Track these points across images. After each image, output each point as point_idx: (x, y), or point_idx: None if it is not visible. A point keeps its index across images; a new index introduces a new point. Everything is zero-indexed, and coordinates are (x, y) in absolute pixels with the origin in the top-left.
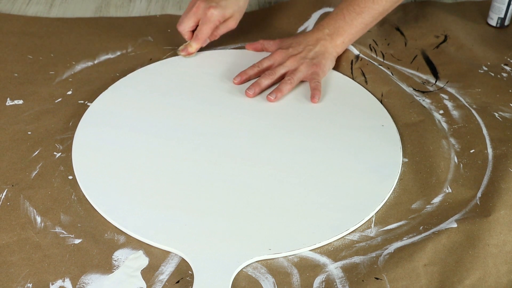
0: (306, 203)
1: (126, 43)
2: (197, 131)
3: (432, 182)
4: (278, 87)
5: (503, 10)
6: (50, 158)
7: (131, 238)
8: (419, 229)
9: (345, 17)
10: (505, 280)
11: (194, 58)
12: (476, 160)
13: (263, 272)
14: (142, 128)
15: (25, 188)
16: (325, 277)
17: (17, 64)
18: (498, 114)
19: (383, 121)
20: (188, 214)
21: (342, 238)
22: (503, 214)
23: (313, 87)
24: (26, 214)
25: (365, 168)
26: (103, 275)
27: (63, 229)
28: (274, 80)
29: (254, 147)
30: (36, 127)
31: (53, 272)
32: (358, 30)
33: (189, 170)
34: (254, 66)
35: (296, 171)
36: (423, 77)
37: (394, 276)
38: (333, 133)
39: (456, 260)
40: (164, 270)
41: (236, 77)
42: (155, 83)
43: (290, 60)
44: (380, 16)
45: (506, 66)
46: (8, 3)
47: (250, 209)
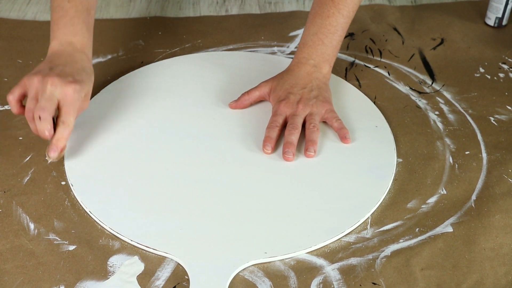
0: (302, 205)
1: (117, 46)
2: (191, 134)
3: (427, 182)
4: (309, 139)
5: (500, 10)
6: (42, 163)
7: (126, 244)
8: (415, 231)
9: (323, 41)
10: (503, 281)
11: (186, 60)
12: (471, 162)
13: (259, 276)
14: (135, 132)
15: (18, 194)
16: (322, 279)
17: (6, 69)
18: (494, 118)
19: (376, 122)
20: (184, 218)
21: (339, 240)
22: (498, 219)
23: (338, 127)
24: (19, 221)
25: (360, 169)
26: (99, 281)
27: (57, 236)
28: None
29: (248, 150)
30: (27, 132)
31: (48, 280)
32: (338, 49)
33: (184, 173)
34: (272, 127)
35: (291, 174)
36: (420, 76)
37: (391, 281)
38: (327, 135)
39: (453, 264)
40: (160, 276)
41: (266, 146)
42: (147, 86)
43: (299, 108)
44: (348, 24)
45: (504, 64)
46: (8, 3)
47: (245, 212)
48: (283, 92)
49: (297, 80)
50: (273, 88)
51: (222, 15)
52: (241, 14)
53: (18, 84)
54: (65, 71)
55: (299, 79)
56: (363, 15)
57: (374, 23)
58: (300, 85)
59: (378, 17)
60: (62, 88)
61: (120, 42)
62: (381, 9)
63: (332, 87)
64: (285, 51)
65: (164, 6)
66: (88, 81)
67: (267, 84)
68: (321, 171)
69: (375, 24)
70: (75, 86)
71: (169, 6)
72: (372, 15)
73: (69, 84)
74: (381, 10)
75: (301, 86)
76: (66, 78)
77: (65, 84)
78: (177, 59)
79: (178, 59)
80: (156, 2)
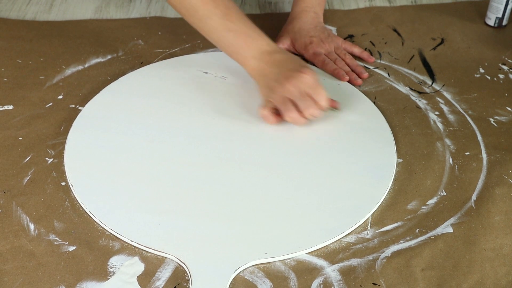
0: (302, 206)
1: (116, 46)
2: (191, 134)
3: (427, 183)
4: (355, 65)
5: (501, 10)
6: (42, 164)
7: (126, 244)
8: (415, 232)
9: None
10: (504, 281)
11: (185, 61)
12: (471, 163)
13: (260, 276)
14: (134, 132)
15: (17, 194)
16: (323, 280)
17: (6, 69)
18: (493, 119)
19: (376, 122)
20: (184, 218)
21: (339, 241)
22: (498, 220)
23: (358, 51)
24: (19, 221)
25: (360, 169)
26: (99, 282)
27: (57, 236)
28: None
29: (248, 150)
30: (27, 132)
31: (48, 281)
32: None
33: (184, 174)
34: (329, 62)
35: (291, 174)
36: (420, 77)
37: (392, 281)
38: (327, 135)
39: (453, 264)
40: (161, 276)
41: (345, 76)
42: (147, 86)
43: (326, 45)
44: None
45: (504, 65)
46: (8, 3)
47: (246, 212)
48: (304, 38)
49: (308, 25)
50: (294, 38)
51: None
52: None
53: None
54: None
55: (309, 24)
56: (363, 18)
57: (373, 25)
58: (312, 29)
59: (378, 19)
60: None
61: (120, 42)
62: (380, 12)
63: (332, 87)
64: None
65: (164, 6)
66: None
67: (285, 37)
68: (321, 171)
69: (375, 27)
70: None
71: (169, 6)
72: (371, 18)
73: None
74: (380, 13)
75: (313, 30)
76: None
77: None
78: (177, 59)
79: (177, 60)
80: (156, 2)
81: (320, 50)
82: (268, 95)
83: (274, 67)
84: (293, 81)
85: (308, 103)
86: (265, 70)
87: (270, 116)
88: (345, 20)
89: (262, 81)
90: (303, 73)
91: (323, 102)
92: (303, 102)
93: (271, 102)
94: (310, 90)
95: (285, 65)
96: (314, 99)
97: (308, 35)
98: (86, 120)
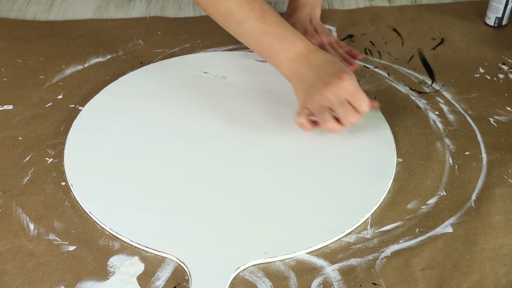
0: (302, 205)
1: (116, 46)
2: (191, 134)
3: (427, 183)
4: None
5: (500, 10)
6: (42, 163)
7: (126, 244)
8: (415, 232)
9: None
10: (504, 281)
11: (185, 61)
12: (470, 162)
13: (260, 276)
14: (134, 132)
15: (17, 194)
16: (323, 279)
17: (6, 69)
18: (493, 119)
19: (376, 122)
20: (184, 218)
21: (339, 240)
22: (498, 220)
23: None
24: (18, 221)
25: (360, 169)
26: (99, 282)
27: (57, 236)
28: None
29: (248, 149)
30: (27, 132)
31: (48, 281)
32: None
33: (184, 174)
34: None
35: (291, 174)
36: (420, 77)
37: (391, 281)
38: (326, 135)
39: (453, 264)
40: (160, 276)
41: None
42: (147, 86)
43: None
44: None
45: (504, 65)
46: (8, 3)
47: (245, 212)
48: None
49: (303, 19)
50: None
51: None
52: None
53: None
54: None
55: (304, 19)
56: (363, 18)
57: (373, 25)
58: (307, 23)
59: (378, 19)
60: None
61: (120, 42)
62: (380, 11)
63: None
64: None
65: (164, 6)
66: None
67: None
68: (321, 171)
69: (375, 27)
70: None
71: (169, 6)
72: (371, 18)
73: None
74: (380, 13)
75: (308, 23)
76: (340, 74)
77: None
78: (177, 59)
79: (177, 60)
80: (156, 2)
81: (313, 41)
82: (305, 101)
83: (310, 70)
84: (332, 88)
85: (347, 112)
86: (301, 73)
87: (307, 124)
88: (345, 20)
89: (299, 85)
90: (343, 79)
91: (364, 107)
92: (343, 111)
93: (308, 109)
94: (350, 98)
95: (322, 68)
96: (354, 106)
97: (303, 27)
98: (86, 120)
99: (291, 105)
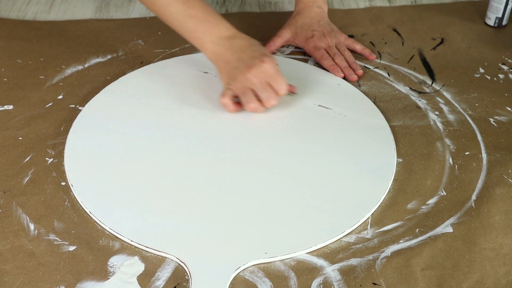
0: (302, 205)
1: (116, 46)
2: (191, 134)
3: (427, 183)
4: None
5: (500, 10)
6: (42, 163)
7: (126, 244)
8: (415, 232)
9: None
10: (504, 281)
11: (185, 61)
12: (471, 162)
13: (260, 276)
14: (134, 132)
15: (17, 194)
16: (323, 279)
17: (6, 69)
18: (493, 119)
19: (376, 122)
20: (184, 218)
21: (339, 240)
22: (498, 220)
23: (361, 48)
24: (19, 221)
25: (360, 169)
26: (99, 282)
27: (57, 236)
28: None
29: (248, 150)
30: (27, 132)
31: (48, 281)
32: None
33: (184, 173)
34: (327, 58)
35: (291, 174)
36: (420, 77)
37: (391, 281)
38: (326, 135)
39: (453, 264)
40: (161, 276)
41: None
42: (147, 86)
43: (328, 40)
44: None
45: (504, 65)
46: (8, 3)
47: (245, 212)
48: (306, 31)
49: (311, 20)
50: (295, 32)
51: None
52: (241, 13)
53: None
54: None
55: (312, 19)
56: (363, 18)
57: (373, 25)
58: (315, 23)
59: (378, 19)
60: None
61: (120, 42)
62: (380, 12)
63: (333, 88)
64: (285, 51)
65: None
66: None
67: (287, 31)
68: (321, 171)
69: (375, 27)
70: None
71: None
72: (371, 18)
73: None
74: (380, 13)
75: (316, 24)
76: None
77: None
78: (177, 59)
79: (178, 59)
80: None
81: (320, 44)
82: (228, 83)
83: (234, 53)
84: (254, 70)
85: (269, 94)
86: (225, 56)
87: (231, 104)
88: (345, 20)
89: (223, 68)
90: (264, 62)
91: (283, 91)
92: (264, 93)
93: (231, 90)
94: (271, 80)
95: (245, 51)
96: (274, 89)
97: (310, 29)
98: (86, 120)
99: (291, 105)
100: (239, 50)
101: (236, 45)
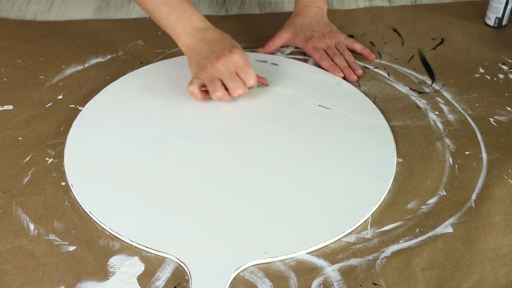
0: (302, 205)
1: (116, 46)
2: (191, 134)
3: (427, 182)
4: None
5: (500, 10)
6: (42, 164)
7: (126, 244)
8: (415, 232)
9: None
10: (504, 281)
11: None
12: (471, 162)
13: (260, 276)
14: (134, 132)
15: (17, 194)
16: (323, 280)
17: (6, 69)
18: (493, 119)
19: (376, 122)
20: (184, 218)
21: (339, 240)
22: (498, 220)
23: (360, 48)
24: (18, 221)
25: (360, 169)
26: (99, 282)
27: (57, 236)
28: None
29: (248, 150)
30: (27, 132)
31: (48, 281)
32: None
33: (184, 174)
34: (326, 58)
35: (291, 174)
36: (420, 77)
37: (391, 281)
38: (326, 135)
39: (453, 264)
40: (161, 276)
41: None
42: (147, 86)
43: (327, 40)
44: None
45: (504, 65)
46: (8, 3)
47: (245, 212)
48: (305, 32)
49: (311, 20)
50: (294, 32)
51: (222, 15)
52: (241, 14)
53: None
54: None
55: (312, 19)
56: (363, 18)
57: (373, 25)
58: (314, 24)
59: (378, 19)
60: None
61: (120, 42)
62: (380, 12)
63: (333, 88)
64: (285, 51)
65: None
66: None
67: (286, 31)
68: (321, 171)
69: (375, 27)
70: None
71: None
72: (371, 18)
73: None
74: (380, 13)
75: (316, 24)
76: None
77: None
78: (177, 59)
79: (177, 60)
80: None
81: (319, 45)
82: (197, 72)
83: (205, 45)
84: (223, 60)
85: (236, 83)
86: (197, 47)
87: (198, 92)
88: (345, 20)
89: (193, 58)
90: (233, 53)
91: (251, 81)
92: (232, 82)
93: (199, 79)
94: (239, 70)
95: (216, 43)
96: (242, 79)
97: (310, 29)
98: (86, 120)
99: (291, 105)
100: (210, 41)
101: (208, 36)
